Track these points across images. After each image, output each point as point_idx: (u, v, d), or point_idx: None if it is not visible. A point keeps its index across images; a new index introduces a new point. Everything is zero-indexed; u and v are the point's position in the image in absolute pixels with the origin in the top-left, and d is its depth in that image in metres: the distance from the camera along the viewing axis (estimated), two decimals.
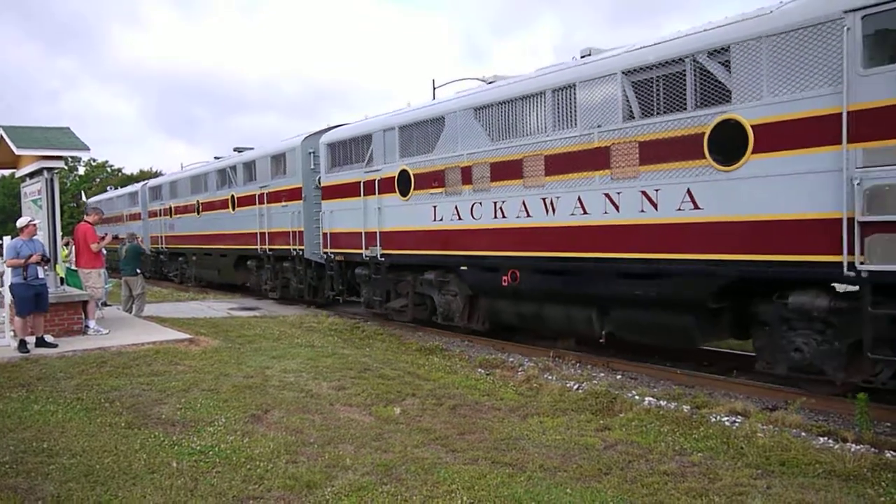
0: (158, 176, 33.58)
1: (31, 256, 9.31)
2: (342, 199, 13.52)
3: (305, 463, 5.21)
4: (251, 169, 17.62)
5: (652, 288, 8.08)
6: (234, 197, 18.42)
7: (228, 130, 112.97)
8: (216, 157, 21.67)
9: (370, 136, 12.72)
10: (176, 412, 6.51)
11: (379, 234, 12.41)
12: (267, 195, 16.57)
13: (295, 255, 15.54)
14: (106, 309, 13.05)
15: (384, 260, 12.40)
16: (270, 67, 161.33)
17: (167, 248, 23.94)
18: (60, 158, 11.12)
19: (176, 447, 5.52)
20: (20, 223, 9.90)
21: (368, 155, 12.75)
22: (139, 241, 15.71)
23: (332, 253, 13.98)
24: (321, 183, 14.34)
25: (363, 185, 12.74)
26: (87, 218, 12.13)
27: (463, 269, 10.92)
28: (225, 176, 19.17)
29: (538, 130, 9.37)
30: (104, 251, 12.05)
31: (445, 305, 11.54)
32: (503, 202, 9.91)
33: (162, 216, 24.08)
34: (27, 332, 9.48)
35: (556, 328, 9.94)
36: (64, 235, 13.10)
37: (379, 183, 12.36)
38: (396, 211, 12.02)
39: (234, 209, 18.42)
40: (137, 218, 26.92)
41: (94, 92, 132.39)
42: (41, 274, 9.51)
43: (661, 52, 7.87)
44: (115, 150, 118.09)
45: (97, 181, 63.92)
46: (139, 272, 14.44)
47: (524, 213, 9.60)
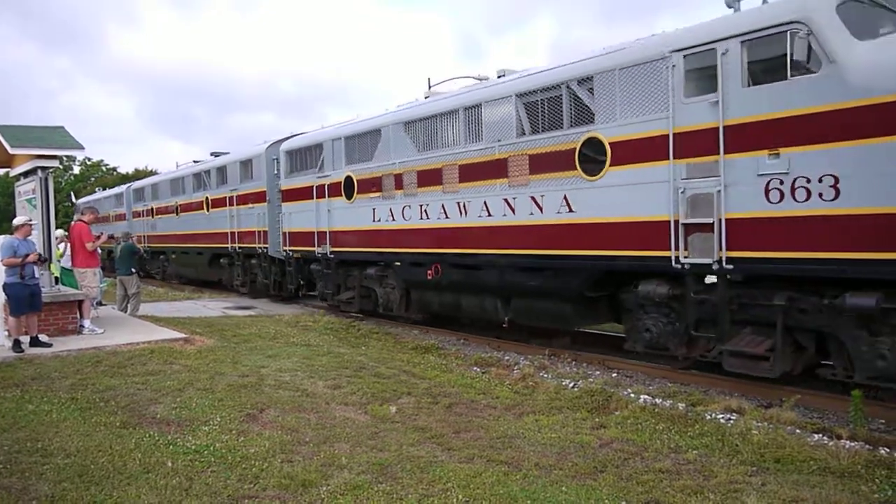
0: (154, 175, 34.07)
1: (28, 256, 9.28)
2: (299, 201, 14.78)
3: (301, 462, 5.21)
4: (223, 173, 18.90)
5: (541, 279, 9.45)
6: (208, 199, 19.75)
7: (224, 129, 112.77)
8: (195, 160, 22.75)
9: (321, 144, 14.02)
10: (171, 411, 6.50)
11: (329, 233, 13.75)
12: (236, 198, 17.93)
13: (260, 252, 16.90)
14: (101, 308, 13.01)
15: (333, 257, 13.74)
16: (267, 66, 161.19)
17: (149, 247, 24.78)
18: (55, 157, 11.09)
19: (171, 446, 5.51)
20: (17, 222, 9.84)
21: (320, 162, 14.02)
22: (134, 239, 15.65)
23: (290, 251, 15.26)
24: (281, 187, 15.52)
25: (315, 189, 14.05)
26: (82, 217, 12.10)
27: (397, 264, 12.25)
28: (200, 179, 20.42)
29: (454, 143, 10.69)
30: (99, 250, 12.02)
31: (385, 297, 12.85)
32: (427, 205, 11.22)
33: (145, 217, 25.42)
34: (21, 331, 9.44)
35: (471, 315, 11.24)
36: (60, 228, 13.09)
37: (328, 187, 13.69)
38: (343, 212, 13.33)
39: (208, 210, 19.73)
40: (122, 218, 27.93)
41: (90, 91, 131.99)
42: (36, 273, 9.47)
43: (544, 78, 9.20)
44: (111, 149, 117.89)
45: (92, 180, 63.77)
46: (134, 271, 14.41)
47: (443, 214, 10.89)
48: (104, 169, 68.46)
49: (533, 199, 9.33)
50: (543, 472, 5.06)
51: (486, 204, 10.07)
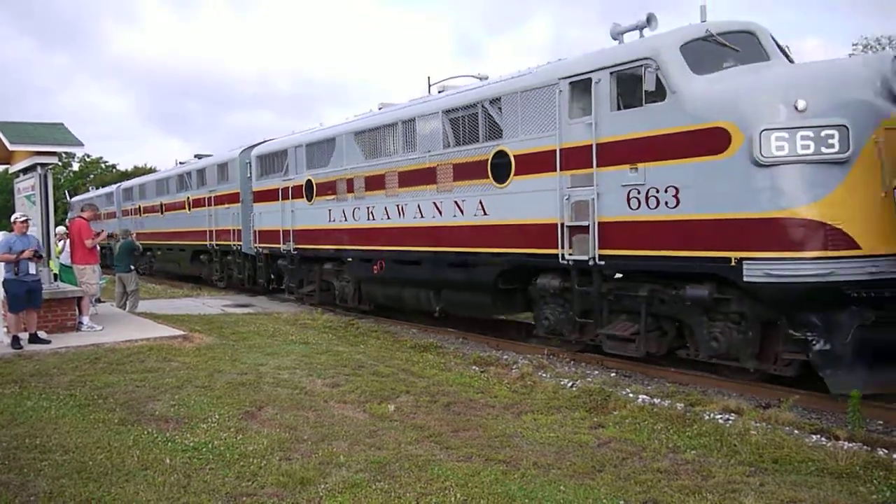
0: (154, 172, 34.57)
1: (22, 252, 9.26)
2: (267, 202, 16.14)
3: (299, 460, 5.20)
4: (203, 175, 20.21)
5: (464, 274, 10.64)
6: (189, 199, 21.10)
7: (222, 127, 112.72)
8: (180, 162, 24.14)
9: (286, 150, 15.37)
10: (169, 409, 6.49)
11: (292, 231, 15.08)
12: (214, 198, 19.24)
13: (235, 249, 18.28)
14: (99, 305, 13.00)
15: (296, 253, 15.11)
16: (265, 64, 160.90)
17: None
18: (54, 154, 11.09)
19: (169, 444, 5.51)
20: (13, 219, 9.85)
21: (285, 166, 15.36)
22: (133, 237, 15.65)
23: (260, 247, 16.73)
24: (253, 188, 16.88)
25: (281, 191, 15.41)
26: (82, 214, 12.08)
27: (349, 260, 13.59)
28: (183, 181, 21.78)
29: (394, 152, 11.97)
30: (98, 247, 12.01)
31: (342, 290, 14.25)
32: (373, 207, 12.52)
33: (133, 215, 26.76)
34: (20, 328, 9.44)
35: (410, 306, 12.44)
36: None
37: (292, 190, 15.00)
38: (304, 213, 14.61)
39: (189, 210, 21.07)
40: (113, 216, 28.77)
41: (88, 88, 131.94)
42: (33, 270, 9.46)
43: (465, 98, 10.54)
44: (109, 146, 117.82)
45: (91, 177, 63.70)
46: (133, 268, 14.40)
47: (386, 216, 12.16)
48: (103, 166, 68.38)
49: (456, 203, 10.61)
50: (542, 471, 5.06)
51: (419, 207, 11.35)
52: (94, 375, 7.78)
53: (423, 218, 11.28)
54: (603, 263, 8.40)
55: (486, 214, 10.07)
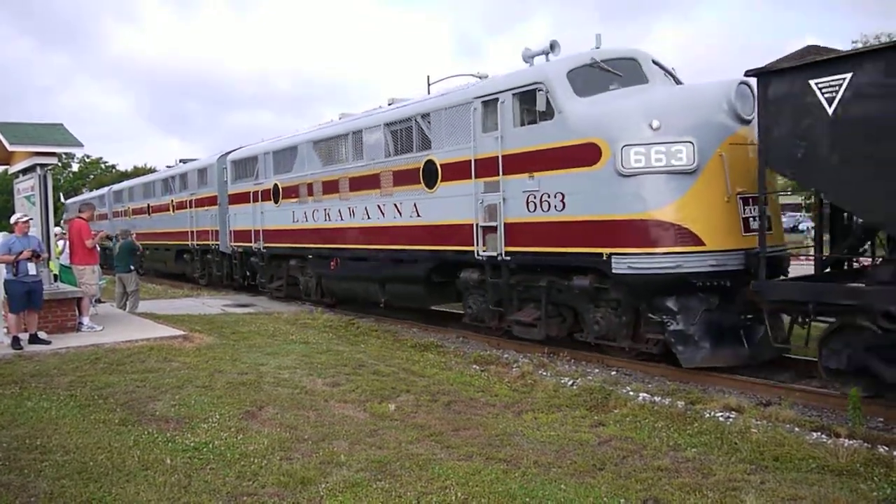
0: (154, 171, 35.10)
1: (21, 253, 9.27)
2: (241, 204, 17.36)
3: (300, 459, 5.21)
4: (185, 179, 21.53)
5: (403, 269, 11.87)
6: (173, 202, 22.40)
7: (222, 127, 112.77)
8: (168, 166, 25.49)
9: (257, 157, 16.64)
10: (170, 409, 6.50)
11: (262, 231, 16.36)
12: (195, 201, 20.50)
13: (213, 248, 19.52)
14: (100, 306, 13.00)
15: (266, 251, 16.42)
16: (265, 64, 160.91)
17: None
18: (54, 155, 11.07)
19: (170, 444, 5.51)
20: (13, 220, 9.85)
21: (256, 171, 16.65)
22: (133, 237, 15.66)
23: (235, 246, 17.98)
24: (229, 192, 18.13)
25: (252, 194, 16.71)
26: (81, 214, 12.08)
27: (310, 257, 14.86)
28: (167, 184, 23.20)
29: (346, 160, 13.22)
30: (98, 247, 12.00)
31: (305, 285, 15.46)
32: (329, 209, 13.78)
33: (123, 216, 27.83)
34: (20, 328, 9.44)
35: (362, 298, 13.73)
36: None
37: (261, 193, 16.29)
38: (272, 214, 15.90)
39: (173, 212, 22.36)
40: (105, 218, 29.57)
41: (88, 88, 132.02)
42: (33, 270, 9.45)
43: (402, 112, 11.81)
44: (109, 146, 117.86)
45: (91, 178, 63.70)
46: (133, 269, 14.39)
47: (339, 217, 13.44)
48: (103, 166, 68.41)
49: (395, 206, 11.85)
50: (542, 469, 5.06)
51: (366, 209, 12.63)
52: (94, 376, 7.78)
53: (369, 219, 12.61)
54: (509, 259, 9.69)
55: (419, 216, 11.35)
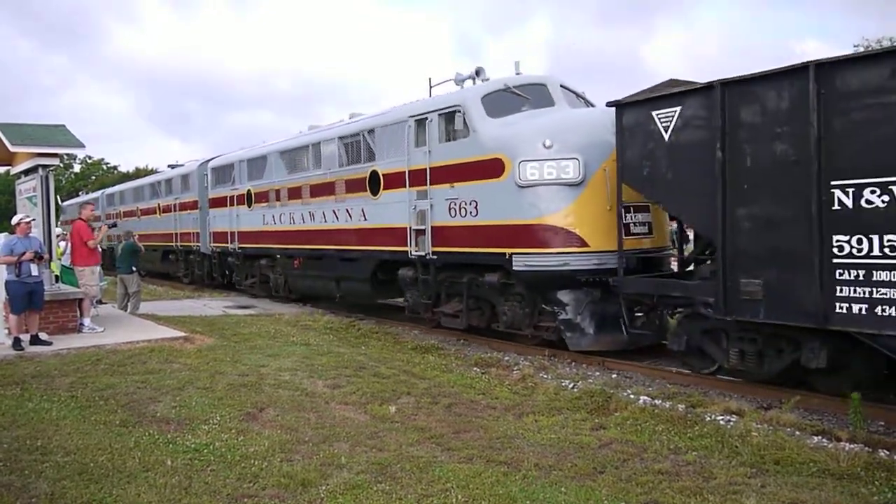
0: (156, 173, 35.58)
1: (24, 254, 9.28)
2: (219, 208, 18.74)
3: (300, 461, 5.21)
4: (170, 184, 23.05)
5: (354, 267, 13.27)
6: (159, 205, 23.85)
7: (223, 127, 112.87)
8: (169, 165, 26.93)
9: (233, 164, 18.08)
10: (171, 410, 6.50)
11: (237, 233, 17.72)
12: (179, 205, 21.94)
13: (195, 249, 20.91)
14: (101, 307, 13.01)
15: (240, 251, 17.84)
16: (265, 65, 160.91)
17: (110, 244, 26.88)
18: (55, 156, 11.08)
19: (170, 445, 5.51)
20: (14, 220, 9.86)
21: (232, 178, 18.02)
22: (135, 238, 15.67)
23: (214, 247, 19.35)
24: (209, 196, 19.47)
25: (229, 198, 18.06)
26: (81, 215, 12.08)
27: (278, 257, 16.43)
28: (154, 189, 24.75)
29: (307, 169, 14.57)
30: (100, 248, 12.00)
31: (275, 282, 16.77)
32: (293, 213, 15.07)
33: (115, 219, 28.73)
34: (22, 329, 9.45)
35: (322, 294, 14.97)
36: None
37: (237, 197, 17.65)
38: (246, 217, 17.27)
39: (160, 214, 23.77)
40: (98, 220, 30.64)
41: (89, 88, 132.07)
42: (35, 271, 9.47)
43: (352, 128, 13.27)
44: (110, 147, 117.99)
45: (93, 179, 63.75)
46: (134, 270, 14.40)
47: (302, 220, 14.75)
48: (105, 167, 68.43)
49: (347, 210, 13.15)
50: (543, 472, 5.06)
51: (324, 214, 13.91)
52: (95, 377, 7.79)
53: (326, 222, 13.90)
54: (435, 258, 10.93)
55: (366, 220, 12.62)
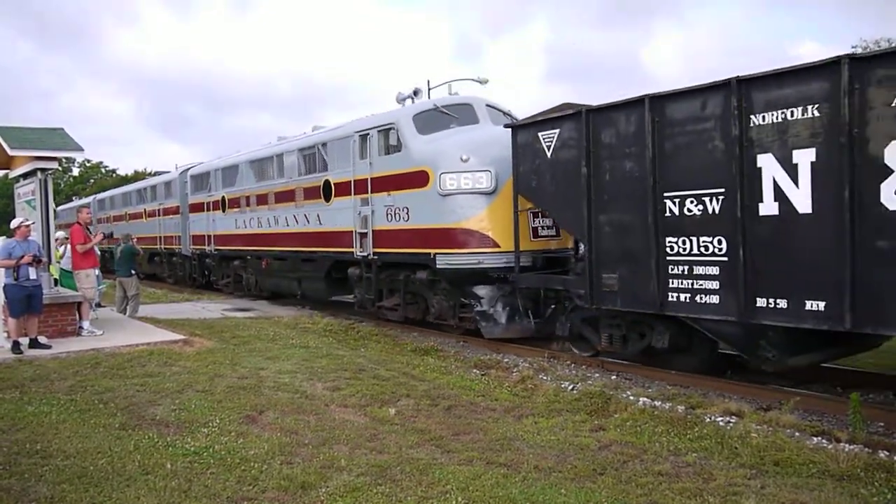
0: (160, 174, 36.26)
1: (22, 257, 9.27)
2: (198, 213, 20.24)
3: (300, 464, 5.20)
4: (154, 191, 24.73)
5: (311, 267, 14.73)
6: (145, 210, 25.44)
7: (223, 130, 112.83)
8: (154, 172, 29.85)
9: (209, 172, 19.57)
10: (170, 413, 6.49)
11: (213, 236, 19.23)
12: (162, 210, 23.55)
13: (177, 252, 22.54)
14: (100, 310, 13.00)
15: (217, 253, 19.37)
16: (265, 67, 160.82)
17: (109, 247, 27.03)
18: (54, 159, 11.06)
19: (170, 448, 5.51)
20: (14, 224, 9.85)
21: (209, 185, 19.50)
22: (133, 242, 15.66)
23: (194, 249, 20.92)
24: (189, 202, 20.90)
25: (206, 204, 19.59)
26: (78, 218, 12.06)
27: (248, 258, 17.97)
28: (141, 195, 26.51)
29: (272, 177, 15.99)
30: (97, 251, 11.97)
31: (247, 281, 18.39)
32: (261, 218, 16.48)
33: (106, 223, 30.67)
34: (21, 333, 9.44)
35: (286, 292, 16.46)
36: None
37: (213, 203, 19.15)
38: (221, 221, 18.74)
39: (146, 219, 25.23)
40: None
41: (89, 91, 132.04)
42: (33, 275, 9.46)
43: (309, 140, 14.68)
44: (109, 150, 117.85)
45: (91, 182, 63.71)
46: (134, 273, 14.39)
47: (268, 224, 16.13)
48: (103, 171, 68.37)
49: (305, 215, 14.44)
50: (543, 474, 5.06)
51: (286, 218, 15.25)
52: (94, 380, 7.78)
53: (288, 226, 15.22)
54: (376, 258, 12.31)
55: (321, 224, 13.92)
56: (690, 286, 7.55)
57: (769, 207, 6.80)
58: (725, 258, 7.20)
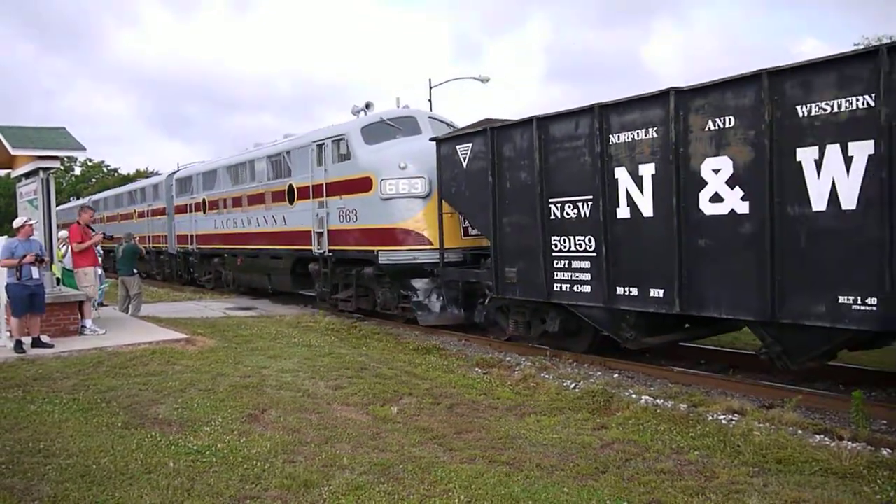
0: (155, 175, 36.23)
1: (24, 256, 9.28)
2: (182, 214, 21.65)
3: (302, 462, 5.21)
4: (144, 193, 26.36)
5: (279, 264, 16.05)
6: (135, 211, 27.00)
7: (224, 129, 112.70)
8: (142, 177, 30.89)
9: (192, 177, 21.07)
10: (173, 412, 6.50)
11: (195, 235, 20.59)
12: (151, 211, 25.03)
13: (164, 250, 23.98)
14: (102, 309, 13.01)
15: (198, 251, 20.73)
16: (266, 66, 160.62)
17: (103, 246, 27.63)
18: (56, 159, 11.06)
19: (173, 447, 5.51)
20: (16, 223, 9.87)
21: (192, 188, 20.91)
22: (136, 240, 15.67)
23: (179, 248, 22.35)
24: (175, 203, 22.32)
25: (189, 205, 21.00)
26: (79, 218, 12.05)
27: (226, 256, 19.17)
28: (132, 196, 28.09)
29: (246, 181, 17.40)
30: (100, 250, 11.97)
31: (225, 277, 19.63)
32: (236, 219, 17.87)
33: (99, 223, 31.25)
34: (23, 332, 9.45)
35: (259, 287, 17.70)
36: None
37: (195, 205, 20.55)
38: (202, 222, 20.15)
39: (136, 219, 26.66)
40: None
41: (90, 91, 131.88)
42: (36, 274, 9.47)
43: (276, 149, 16.11)
44: (111, 149, 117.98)
45: (93, 181, 63.79)
46: (136, 272, 14.40)
47: (242, 224, 17.56)
48: (105, 170, 68.45)
49: (273, 216, 15.89)
50: (545, 472, 5.06)
51: (258, 219, 16.65)
52: (97, 379, 7.79)
53: (259, 226, 16.57)
54: (331, 254, 13.61)
55: (286, 224, 15.27)
56: (570, 278, 8.97)
57: (624, 211, 8.21)
58: (594, 254, 8.60)
